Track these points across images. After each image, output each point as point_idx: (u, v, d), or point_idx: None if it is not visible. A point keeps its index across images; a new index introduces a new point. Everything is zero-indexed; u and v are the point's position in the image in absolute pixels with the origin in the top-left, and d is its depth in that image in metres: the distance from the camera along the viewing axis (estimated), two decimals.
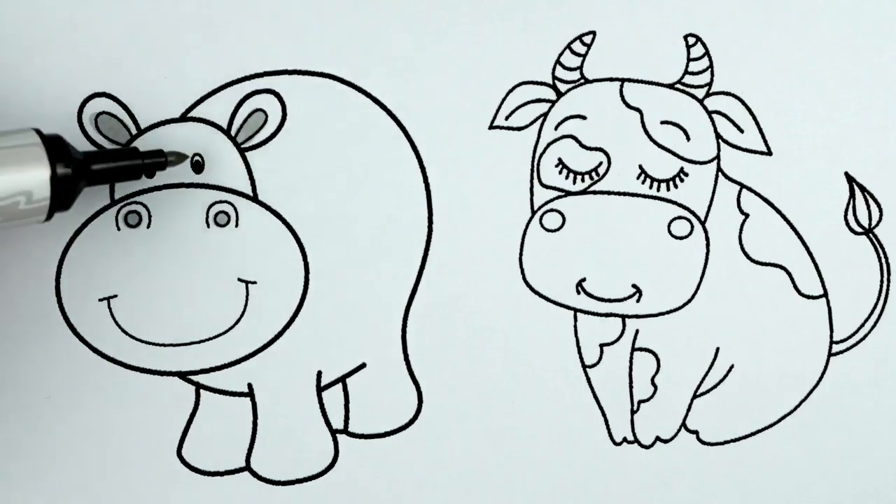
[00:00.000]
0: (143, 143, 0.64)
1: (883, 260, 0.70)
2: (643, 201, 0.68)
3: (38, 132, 0.56)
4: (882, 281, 0.70)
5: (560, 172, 0.67)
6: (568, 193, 0.68)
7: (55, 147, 0.56)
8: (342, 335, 0.67)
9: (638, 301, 0.69)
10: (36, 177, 0.55)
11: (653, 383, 0.70)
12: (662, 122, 0.68)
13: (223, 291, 0.65)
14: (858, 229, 0.70)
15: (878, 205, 0.70)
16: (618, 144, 0.68)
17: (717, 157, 0.68)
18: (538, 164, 0.67)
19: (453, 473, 0.69)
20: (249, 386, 0.67)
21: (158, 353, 0.66)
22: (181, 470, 0.67)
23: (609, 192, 0.68)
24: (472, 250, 0.68)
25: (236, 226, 0.65)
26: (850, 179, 0.70)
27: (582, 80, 0.67)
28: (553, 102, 0.67)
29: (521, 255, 0.68)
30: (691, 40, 0.68)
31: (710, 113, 0.68)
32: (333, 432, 0.68)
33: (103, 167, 0.60)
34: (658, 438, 0.70)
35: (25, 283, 0.64)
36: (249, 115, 0.65)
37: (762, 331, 0.70)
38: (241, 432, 0.67)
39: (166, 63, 0.64)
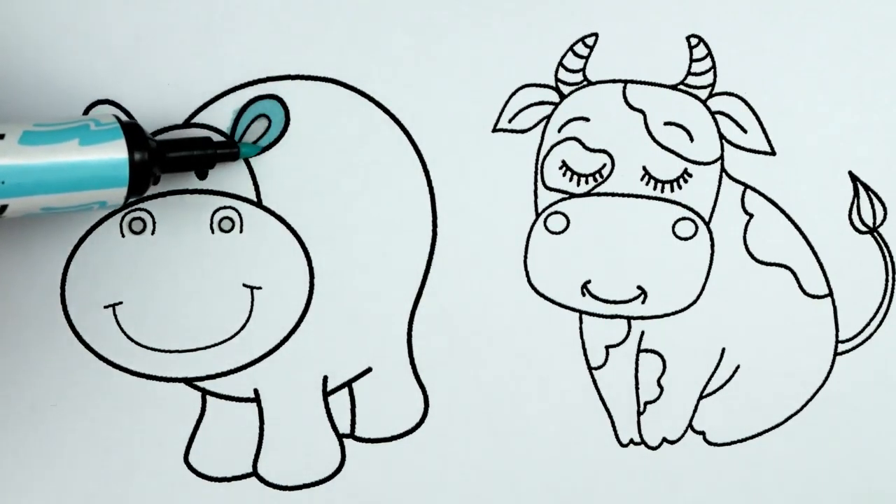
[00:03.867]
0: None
1: (888, 258, 0.70)
2: (647, 202, 0.68)
3: (118, 119, 0.59)
4: (887, 279, 0.70)
5: (564, 175, 0.67)
6: (572, 195, 0.68)
7: (133, 134, 0.58)
8: (348, 340, 0.67)
9: (643, 302, 0.69)
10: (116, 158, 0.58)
11: (659, 384, 0.70)
12: (666, 124, 0.68)
13: (228, 297, 0.65)
14: (863, 228, 0.70)
15: (883, 203, 0.70)
16: (621, 146, 0.67)
17: (721, 158, 0.68)
18: (542, 167, 0.67)
19: (460, 477, 0.69)
20: (256, 391, 0.67)
21: (164, 360, 0.65)
22: (188, 476, 0.67)
23: (613, 194, 0.68)
24: (477, 253, 0.67)
25: (241, 231, 0.65)
26: (853, 178, 0.70)
27: (585, 82, 0.67)
28: (556, 105, 0.67)
29: (525, 257, 0.68)
30: (694, 41, 0.68)
31: (713, 113, 0.68)
32: (340, 437, 0.68)
33: (177, 155, 0.61)
34: (665, 439, 0.70)
35: (30, 290, 0.64)
36: (253, 121, 0.65)
37: (768, 331, 0.70)
38: (247, 438, 0.67)
39: (169, 69, 0.64)
